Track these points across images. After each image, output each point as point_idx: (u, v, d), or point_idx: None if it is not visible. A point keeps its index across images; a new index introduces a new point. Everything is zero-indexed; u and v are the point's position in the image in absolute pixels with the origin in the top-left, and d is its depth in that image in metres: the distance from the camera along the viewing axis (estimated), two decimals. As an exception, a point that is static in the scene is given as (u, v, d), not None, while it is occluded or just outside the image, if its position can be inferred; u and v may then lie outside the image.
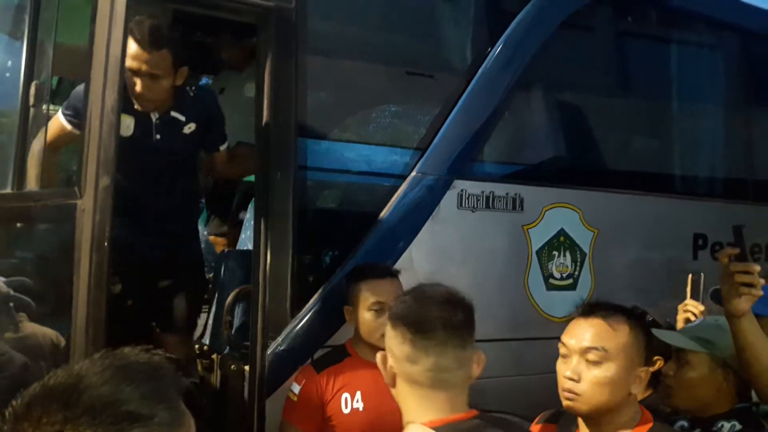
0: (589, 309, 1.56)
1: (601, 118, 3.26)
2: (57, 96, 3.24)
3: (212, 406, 2.41)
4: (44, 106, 2.22)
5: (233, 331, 2.61)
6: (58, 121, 2.40)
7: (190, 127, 2.60)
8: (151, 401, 0.78)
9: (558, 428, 1.61)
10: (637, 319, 1.56)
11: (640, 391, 1.55)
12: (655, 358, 1.70)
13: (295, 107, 2.41)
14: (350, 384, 2.13)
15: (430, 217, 2.61)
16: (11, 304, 1.98)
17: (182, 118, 2.59)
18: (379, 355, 1.33)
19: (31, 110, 2.11)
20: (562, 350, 1.56)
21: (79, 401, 0.75)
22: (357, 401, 2.11)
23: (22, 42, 2.16)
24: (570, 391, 1.50)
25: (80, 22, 1.97)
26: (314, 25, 2.54)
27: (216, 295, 2.95)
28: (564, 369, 1.53)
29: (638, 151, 3.42)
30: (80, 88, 2.22)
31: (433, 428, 1.21)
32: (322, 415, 2.12)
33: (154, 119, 2.53)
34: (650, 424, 1.50)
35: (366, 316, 2.16)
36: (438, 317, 1.27)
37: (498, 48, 2.80)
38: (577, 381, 1.49)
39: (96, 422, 0.74)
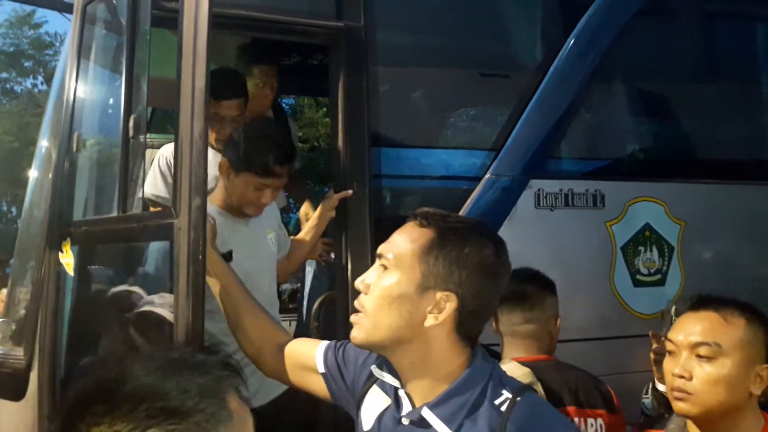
0: (699, 302, 1.43)
1: (678, 107, 3.12)
2: (152, 126, 3.44)
3: (303, 409, 2.47)
4: (142, 137, 2.35)
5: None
6: None
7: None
8: (193, 396, 0.76)
9: None
10: (754, 312, 1.41)
11: (760, 392, 1.39)
12: None
13: (367, 121, 2.47)
14: None
15: (507, 219, 2.59)
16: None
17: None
18: None
19: (131, 141, 2.24)
20: (669, 347, 1.44)
21: (120, 392, 0.75)
22: None
23: (122, 78, 2.29)
24: (680, 390, 1.36)
25: (170, 57, 2.10)
26: (384, 38, 2.59)
27: (304, 303, 3.03)
28: (672, 367, 1.40)
29: (723, 138, 3.26)
30: None
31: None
32: None
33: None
34: None
35: None
36: None
37: (570, 42, 2.76)
38: (688, 379, 1.36)
39: (132, 415, 0.73)
